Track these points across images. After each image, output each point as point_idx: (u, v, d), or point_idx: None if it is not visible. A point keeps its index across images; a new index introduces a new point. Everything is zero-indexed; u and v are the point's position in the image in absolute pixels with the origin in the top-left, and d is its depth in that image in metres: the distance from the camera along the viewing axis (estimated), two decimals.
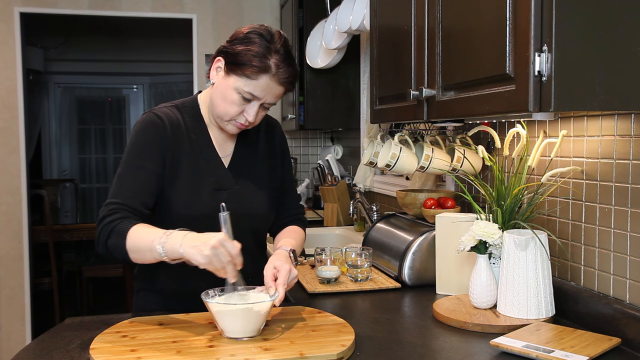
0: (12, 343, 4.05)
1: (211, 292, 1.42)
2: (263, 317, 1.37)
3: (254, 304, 1.35)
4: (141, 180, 1.56)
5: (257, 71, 1.50)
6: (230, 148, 1.70)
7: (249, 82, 1.52)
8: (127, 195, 1.53)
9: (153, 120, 1.60)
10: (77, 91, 7.35)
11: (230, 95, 1.54)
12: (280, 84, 1.55)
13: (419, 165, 1.99)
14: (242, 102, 1.54)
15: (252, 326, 1.36)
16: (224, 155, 1.68)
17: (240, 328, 1.35)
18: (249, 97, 1.53)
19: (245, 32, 1.56)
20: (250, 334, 1.36)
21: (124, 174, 1.57)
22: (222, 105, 1.57)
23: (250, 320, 1.35)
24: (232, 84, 1.54)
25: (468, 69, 1.38)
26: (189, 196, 1.60)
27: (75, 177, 7.09)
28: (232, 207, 1.48)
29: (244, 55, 1.51)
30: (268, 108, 1.60)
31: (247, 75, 1.51)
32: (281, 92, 1.57)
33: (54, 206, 5.94)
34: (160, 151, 1.58)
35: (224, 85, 1.56)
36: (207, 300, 1.37)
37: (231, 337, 1.36)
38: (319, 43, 3.27)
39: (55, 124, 7.23)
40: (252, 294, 1.45)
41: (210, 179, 1.63)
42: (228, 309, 1.34)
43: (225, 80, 1.56)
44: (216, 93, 1.58)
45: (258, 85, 1.52)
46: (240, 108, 1.55)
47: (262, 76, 1.51)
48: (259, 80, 1.51)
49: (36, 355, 1.35)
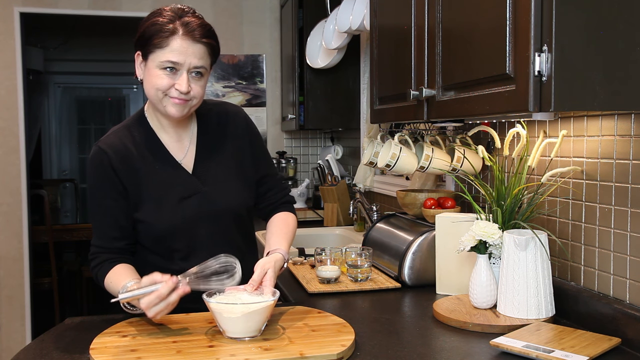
0: (12, 343, 4.05)
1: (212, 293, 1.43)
2: (264, 318, 1.38)
3: (255, 304, 1.35)
4: (107, 218, 1.60)
5: (165, 36, 1.49)
6: (185, 147, 1.67)
7: (163, 51, 1.49)
8: (100, 236, 1.61)
9: (98, 157, 1.60)
10: (77, 91, 7.35)
11: (155, 73, 1.51)
12: (195, 41, 1.50)
13: (419, 165, 1.99)
14: (168, 74, 1.51)
15: (254, 326, 1.36)
16: (181, 158, 1.65)
17: (241, 328, 1.35)
18: (170, 65, 1.50)
19: (148, 14, 1.56)
20: (251, 334, 1.37)
21: (92, 215, 1.64)
22: (152, 88, 1.53)
23: (251, 320, 1.35)
24: (152, 65, 1.51)
25: (468, 68, 1.38)
26: (157, 214, 1.60)
27: (75, 177, 7.08)
28: (206, 209, 1.57)
29: (149, 30, 1.51)
30: (202, 74, 1.55)
31: (158, 45, 1.49)
32: (201, 50, 1.52)
33: (54, 206, 5.94)
34: (113, 185, 1.59)
35: (147, 71, 1.54)
36: (208, 300, 1.38)
37: (232, 337, 1.36)
38: (319, 43, 3.27)
39: (55, 124, 7.23)
40: (252, 294, 1.45)
41: (177, 189, 1.62)
42: (229, 310, 1.34)
43: (147, 67, 1.54)
44: (146, 83, 1.55)
45: (172, 50, 1.49)
46: (169, 81, 1.51)
47: (172, 39, 1.49)
48: (171, 44, 1.49)
49: (36, 355, 1.35)
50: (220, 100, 2.04)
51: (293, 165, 4.15)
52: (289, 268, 2.18)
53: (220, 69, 4.21)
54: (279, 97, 4.31)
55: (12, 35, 3.93)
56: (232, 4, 4.23)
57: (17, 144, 3.99)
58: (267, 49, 4.29)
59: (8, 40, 3.93)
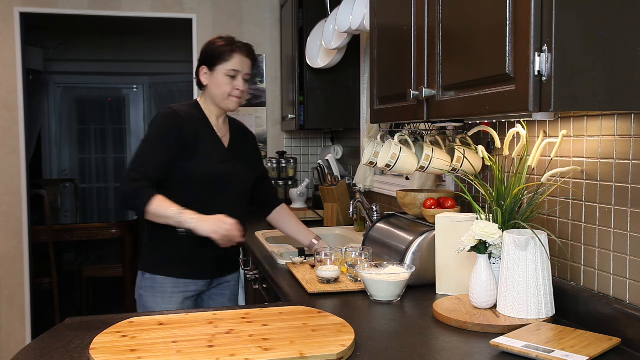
0: (12, 343, 4.05)
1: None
2: (403, 285, 1.77)
3: (398, 274, 1.74)
4: (159, 158, 2.11)
5: (230, 53, 2.17)
6: (223, 133, 2.27)
7: (229, 63, 2.17)
8: (145, 165, 2.09)
9: (172, 115, 2.15)
10: (77, 91, 7.35)
11: (222, 79, 2.18)
12: (247, 57, 2.20)
13: (419, 165, 1.99)
14: (231, 80, 2.17)
15: (397, 291, 1.76)
16: (221, 137, 2.25)
17: (388, 293, 1.75)
18: (234, 74, 2.17)
19: (207, 42, 2.24)
20: (392, 298, 1.76)
21: (145, 148, 2.13)
22: (219, 91, 2.19)
23: (397, 286, 1.75)
24: (219, 73, 2.17)
25: (468, 69, 1.38)
26: (204, 165, 2.16)
27: (75, 177, 7.08)
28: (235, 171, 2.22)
29: (216, 50, 2.18)
30: (249, 80, 2.22)
31: (226, 59, 2.16)
32: (250, 64, 2.21)
33: (54, 206, 5.94)
34: (178, 139, 2.12)
35: (214, 79, 2.19)
36: (360, 272, 1.78)
37: (379, 300, 1.76)
38: (319, 43, 3.27)
39: (55, 124, 7.22)
40: (389, 266, 1.82)
41: (218, 152, 2.22)
42: (379, 279, 1.74)
43: (213, 76, 2.19)
44: (212, 87, 2.20)
45: (235, 61, 2.17)
46: (232, 85, 2.17)
47: (234, 55, 2.17)
48: (234, 58, 2.17)
49: (36, 355, 1.35)
50: None
51: (293, 165, 4.14)
52: (289, 268, 2.18)
53: None
54: (279, 97, 4.31)
55: (12, 35, 3.93)
56: (232, 4, 4.23)
57: (17, 144, 3.99)
58: (267, 49, 4.29)
59: (8, 40, 3.93)
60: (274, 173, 4.10)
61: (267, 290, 2.40)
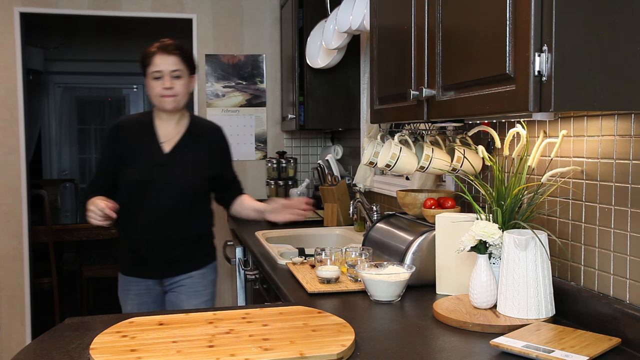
0: (12, 343, 4.05)
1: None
2: (403, 285, 1.76)
3: (398, 274, 1.74)
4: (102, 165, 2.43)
5: (151, 56, 2.30)
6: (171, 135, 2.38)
7: (152, 65, 2.30)
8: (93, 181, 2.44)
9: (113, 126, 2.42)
10: (77, 91, 7.35)
11: (150, 83, 2.33)
12: (170, 54, 2.30)
13: (419, 165, 1.99)
14: (157, 82, 2.30)
15: (397, 291, 1.76)
16: (164, 141, 2.37)
17: (388, 293, 1.75)
18: (159, 75, 2.30)
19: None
20: (392, 298, 1.76)
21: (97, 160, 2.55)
22: (152, 94, 2.34)
23: (397, 286, 1.75)
24: (148, 78, 2.32)
25: (468, 69, 1.38)
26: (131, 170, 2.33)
27: (75, 177, 7.08)
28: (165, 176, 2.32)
29: (142, 56, 2.33)
30: (179, 77, 2.31)
31: (149, 63, 2.31)
32: (175, 60, 2.30)
33: (54, 206, 5.94)
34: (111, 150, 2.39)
35: (147, 84, 2.34)
36: (360, 272, 1.78)
37: (379, 300, 1.76)
38: (319, 43, 3.26)
39: (55, 124, 7.22)
40: (389, 266, 1.83)
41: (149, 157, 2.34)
42: (379, 279, 1.74)
43: (146, 82, 2.35)
44: (148, 93, 2.37)
45: (156, 62, 2.29)
46: (159, 85, 2.30)
47: (155, 56, 2.29)
48: (155, 59, 2.29)
49: (36, 355, 1.35)
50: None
51: (293, 166, 4.14)
52: (289, 268, 2.18)
53: (220, 69, 4.21)
54: (279, 97, 4.31)
55: (12, 35, 3.93)
56: (232, 4, 4.23)
57: (17, 144, 3.99)
58: (267, 49, 4.28)
59: (8, 40, 3.93)
60: (274, 173, 4.10)
61: (267, 290, 2.40)
